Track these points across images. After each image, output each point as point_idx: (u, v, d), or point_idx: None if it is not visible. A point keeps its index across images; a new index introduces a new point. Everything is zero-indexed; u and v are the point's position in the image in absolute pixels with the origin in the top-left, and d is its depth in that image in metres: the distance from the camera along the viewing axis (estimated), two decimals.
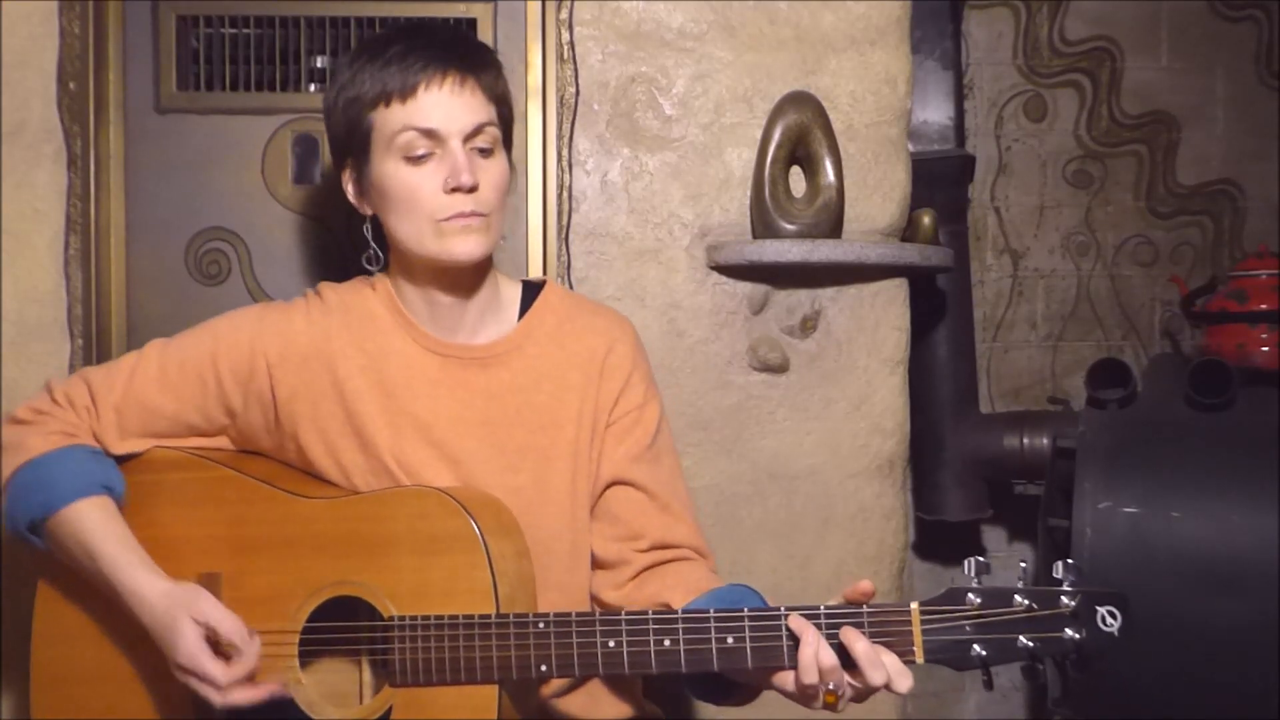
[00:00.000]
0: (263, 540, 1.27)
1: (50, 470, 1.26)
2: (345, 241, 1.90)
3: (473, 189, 1.26)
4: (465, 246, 1.27)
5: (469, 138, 1.27)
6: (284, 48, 1.89)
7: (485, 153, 1.29)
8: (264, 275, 1.89)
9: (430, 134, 1.25)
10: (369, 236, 1.35)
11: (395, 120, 1.26)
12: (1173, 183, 2.91)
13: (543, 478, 1.33)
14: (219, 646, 1.20)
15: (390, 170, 1.27)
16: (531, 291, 1.41)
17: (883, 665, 1.07)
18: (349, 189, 1.35)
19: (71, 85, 1.81)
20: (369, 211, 1.34)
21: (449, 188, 1.25)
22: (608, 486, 1.36)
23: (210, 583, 1.27)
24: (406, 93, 1.25)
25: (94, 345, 1.85)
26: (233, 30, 1.89)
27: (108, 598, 1.26)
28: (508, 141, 1.34)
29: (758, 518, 1.93)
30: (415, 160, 1.26)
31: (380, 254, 1.36)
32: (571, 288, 1.88)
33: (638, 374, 1.39)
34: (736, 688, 1.24)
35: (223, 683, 1.17)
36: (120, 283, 1.88)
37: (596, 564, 1.36)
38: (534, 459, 1.33)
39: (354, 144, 1.30)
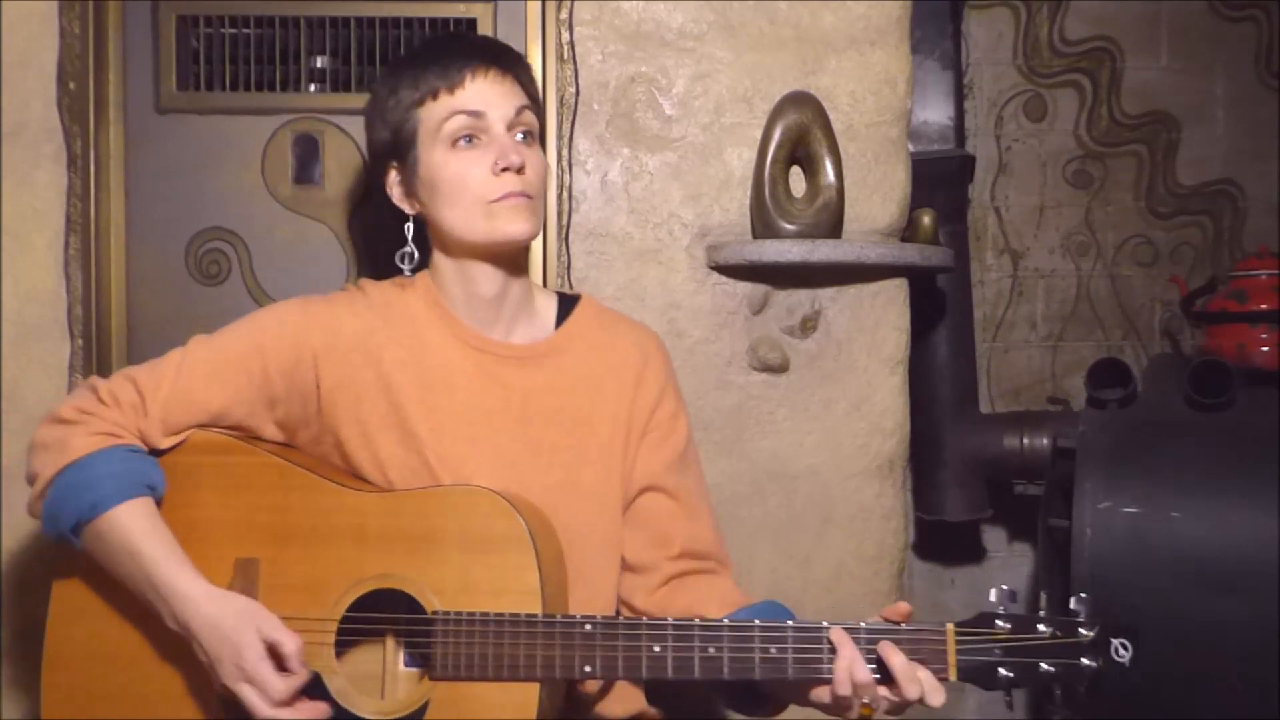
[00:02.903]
0: (304, 529, 1.27)
1: (95, 472, 1.26)
2: (345, 241, 1.90)
3: (520, 169, 1.31)
4: (515, 226, 1.32)
5: (512, 125, 1.33)
6: (284, 48, 1.89)
7: (526, 140, 1.35)
8: (264, 275, 1.89)
9: (477, 115, 1.32)
10: (409, 236, 1.40)
11: (442, 109, 1.32)
12: (1173, 183, 2.91)
13: (575, 477, 1.36)
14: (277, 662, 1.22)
15: (439, 159, 1.33)
16: (568, 303, 1.46)
17: (918, 680, 1.13)
18: (394, 191, 1.40)
19: (71, 85, 1.81)
20: (415, 210, 1.39)
21: (498, 169, 1.31)
22: (640, 493, 1.40)
23: (248, 568, 1.27)
24: (453, 85, 1.32)
25: (94, 345, 1.85)
26: (233, 30, 1.89)
27: (140, 595, 1.26)
28: (543, 139, 1.42)
29: (758, 518, 1.93)
30: (463, 147, 1.32)
31: (416, 253, 1.41)
32: (571, 288, 1.88)
33: (671, 387, 1.45)
34: (766, 700, 1.29)
35: (281, 696, 1.19)
36: (120, 283, 1.88)
37: (626, 567, 1.40)
38: (567, 458, 1.36)
39: (400, 144, 1.36)
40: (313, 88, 1.91)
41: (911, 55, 1.96)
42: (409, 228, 1.40)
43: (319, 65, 1.90)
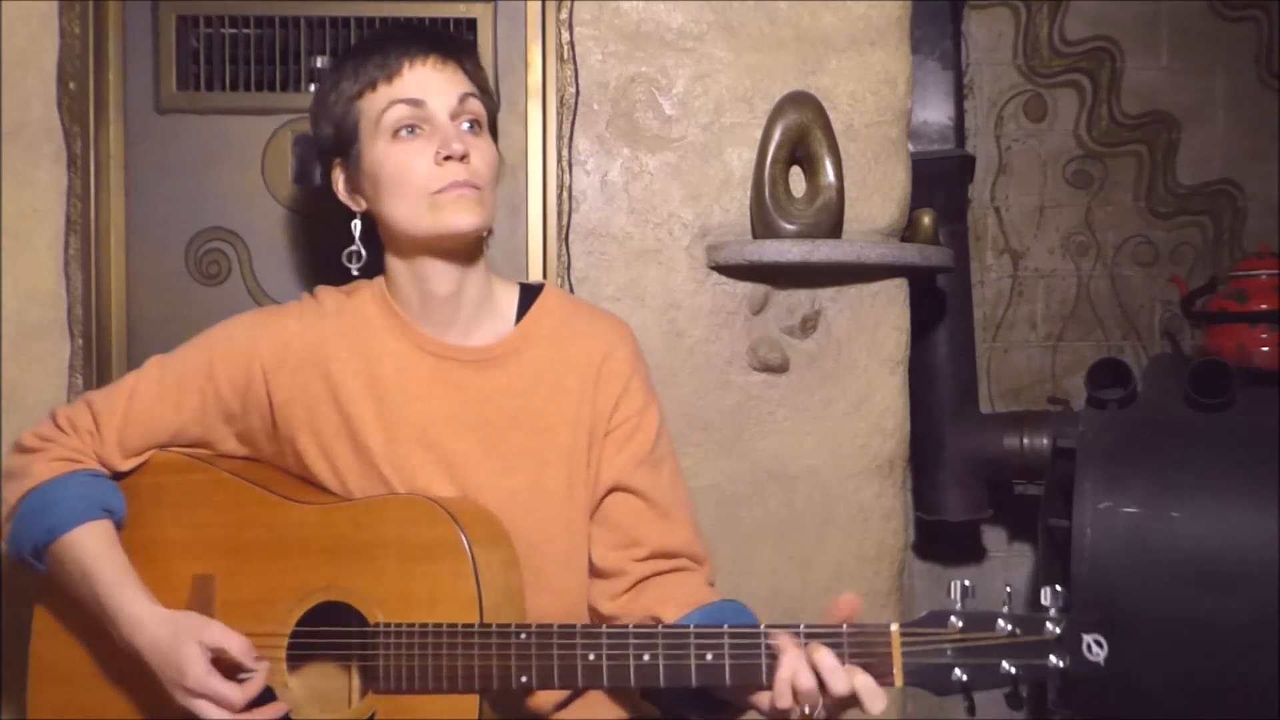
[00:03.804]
0: (255, 543, 1.27)
1: (53, 496, 1.27)
2: (346, 241, 1.90)
3: (464, 157, 1.27)
4: (460, 217, 1.26)
5: (456, 114, 1.29)
6: (284, 48, 1.89)
7: (473, 130, 1.30)
8: (264, 275, 1.89)
9: (417, 104, 1.27)
10: (355, 234, 1.36)
11: (381, 99, 1.28)
12: (1173, 183, 2.91)
13: (538, 481, 1.32)
14: (225, 670, 1.20)
15: (380, 152, 1.28)
16: (529, 295, 1.40)
17: (843, 673, 1.05)
18: (340, 188, 1.37)
19: (71, 85, 1.81)
20: (361, 206, 1.35)
21: (440, 158, 1.26)
22: (607, 493, 1.35)
23: (204, 585, 1.27)
24: (391, 74, 1.28)
25: (94, 345, 1.85)
26: (233, 30, 1.89)
27: (100, 622, 1.26)
28: (493, 129, 1.36)
29: (758, 518, 1.93)
30: (404, 138, 1.28)
31: (363, 252, 1.36)
32: (571, 288, 1.88)
33: (636, 379, 1.38)
34: (725, 705, 1.23)
35: (238, 703, 1.18)
36: (120, 283, 1.88)
37: (594, 573, 1.35)
38: (529, 462, 1.32)
39: (342, 138, 1.32)
40: (313, 88, 1.90)
41: (911, 55, 1.96)
42: (356, 225, 1.36)
43: (319, 65, 1.90)
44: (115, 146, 1.87)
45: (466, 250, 1.32)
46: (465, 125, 1.30)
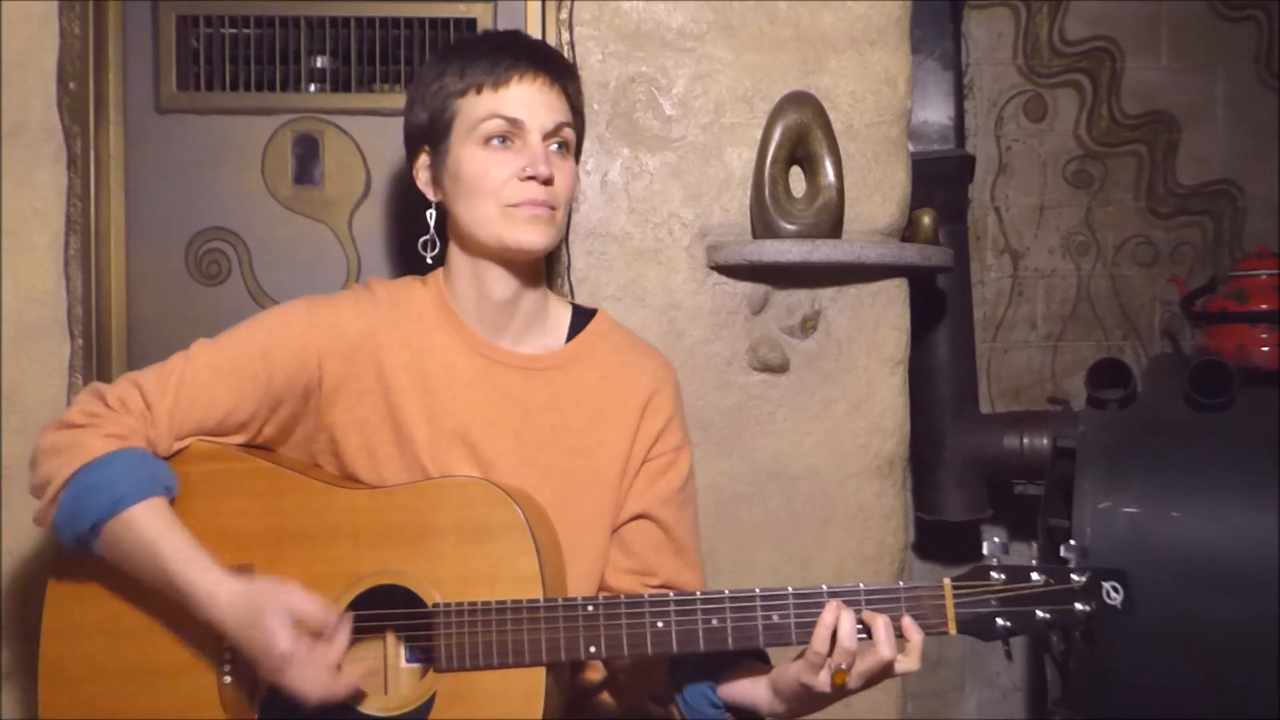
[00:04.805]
0: (298, 530, 1.27)
1: (113, 470, 1.23)
2: (346, 241, 1.90)
3: (548, 181, 1.30)
4: (529, 235, 1.30)
5: (549, 135, 1.32)
6: (284, 48, 1.89)
7: (561, 151, 1.34)
8: (264, 275, 1.89)
9: (515, 123, 1.31)
10: (430, 224, 1.39)
11: (482, 108, 1.31)
12: (1173, 183, 2.91)
13: (564, 501, 1.34)
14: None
15: (469, 154, 1.31)
16: (582, 316, 1.44)
17: (892, 642, 1.15)
18: (421, 175, 1.39)
19: (71, 85, 1.81)
20: (438, 198, 1.38)
21: (524, 176, 1.30)
22: (632, 519, 1.38)
23: (243, 575, 1.25)
24: (498, 83, 1.31)
25: (94, 345, 1.85)
26: (233, 30, 1.89)
27: (168, 597, 1.24)
28: (577, 153, 1.40)
29: (758, 518, 1.93)
30: (495, 147, 1.31)
31: (438, 240, 1.39)
32: (572, 288, 1.88)
33: (677, 420, 1.43)
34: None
35: (336, 660, 1.18)
36: (120, 283, 1.88)
37: (604, 588, 1.38)
38: (558, 481, 1.34)
39: (435, 130, 1.34)
40: (313, 88, 1.91)
41: (911, 55, 1.96)
42: (431, 215, 1.38)
43: (319, 65, 1.90)
44: (115, 146, 1.87)
45: (528, 264, 1.37)
46: (554, 146, 1.33)
